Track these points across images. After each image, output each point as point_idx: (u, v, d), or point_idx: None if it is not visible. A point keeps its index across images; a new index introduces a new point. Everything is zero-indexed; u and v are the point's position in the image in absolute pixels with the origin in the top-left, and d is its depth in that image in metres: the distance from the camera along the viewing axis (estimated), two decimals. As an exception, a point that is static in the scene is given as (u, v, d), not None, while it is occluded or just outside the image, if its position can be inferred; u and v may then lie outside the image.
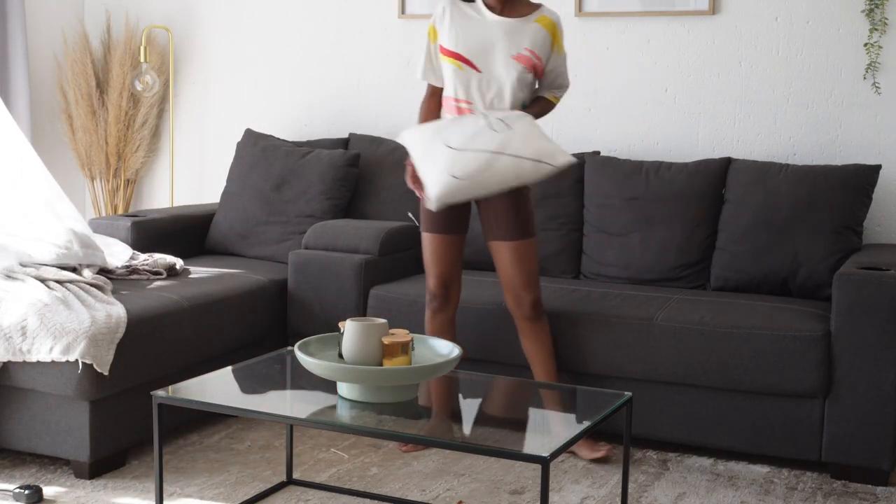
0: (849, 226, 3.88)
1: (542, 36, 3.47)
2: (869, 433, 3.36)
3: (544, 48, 3.47)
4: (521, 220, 3.49)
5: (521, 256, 3.50)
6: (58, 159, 5.27)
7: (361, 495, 3.20)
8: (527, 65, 3.45)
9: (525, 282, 3.50)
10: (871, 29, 4.09)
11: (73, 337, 3.15)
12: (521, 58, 3.44)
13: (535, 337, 3.55)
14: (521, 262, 3.50)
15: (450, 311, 3.64)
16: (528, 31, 3.46)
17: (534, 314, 3.52)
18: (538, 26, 3.46)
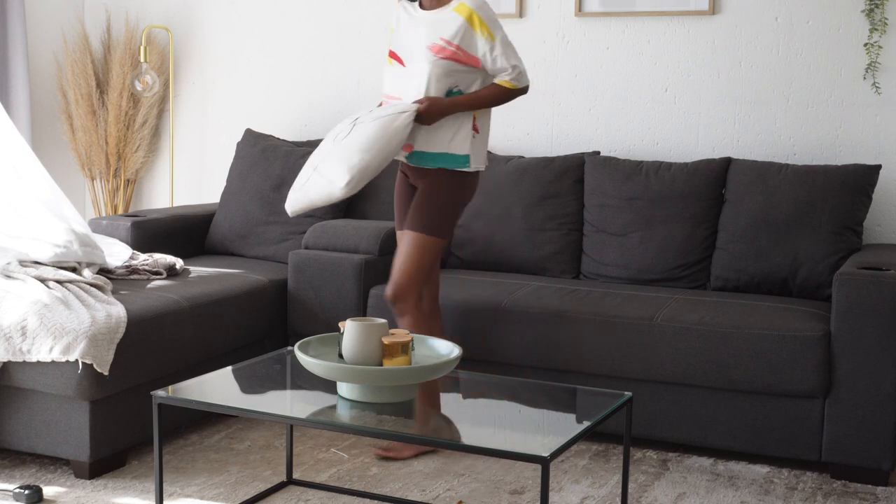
0: (849, 226, 3.88)
1: (458, 24, 3.43)
2: (869, 433, 3.36)
3: (463, 36, 3.42)
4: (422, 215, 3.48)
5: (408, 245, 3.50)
6: (58, 159, 5.27)
7: (361, 495, 3.20)
8: (442, 54, 3.43)
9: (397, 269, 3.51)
10: (871, 29, 4.09)
11: (73, 337, 3.15)
12: (435, 48, 3.43)
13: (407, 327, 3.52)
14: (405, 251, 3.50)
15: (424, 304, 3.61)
16: (444, 20, 3.45)
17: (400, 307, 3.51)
18: (454, 14, 3.44)
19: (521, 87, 3.51)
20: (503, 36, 3.46)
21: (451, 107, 3.44)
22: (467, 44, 3.44)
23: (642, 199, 4.12)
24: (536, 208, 4.27)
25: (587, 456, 3.60)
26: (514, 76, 3.47)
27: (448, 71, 3.45)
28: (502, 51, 3.45)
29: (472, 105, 3.47)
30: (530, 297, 3.81)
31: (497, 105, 3.52)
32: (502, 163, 4.41)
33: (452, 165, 3.48)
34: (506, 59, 3.45)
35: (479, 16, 3.43)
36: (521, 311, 3.73)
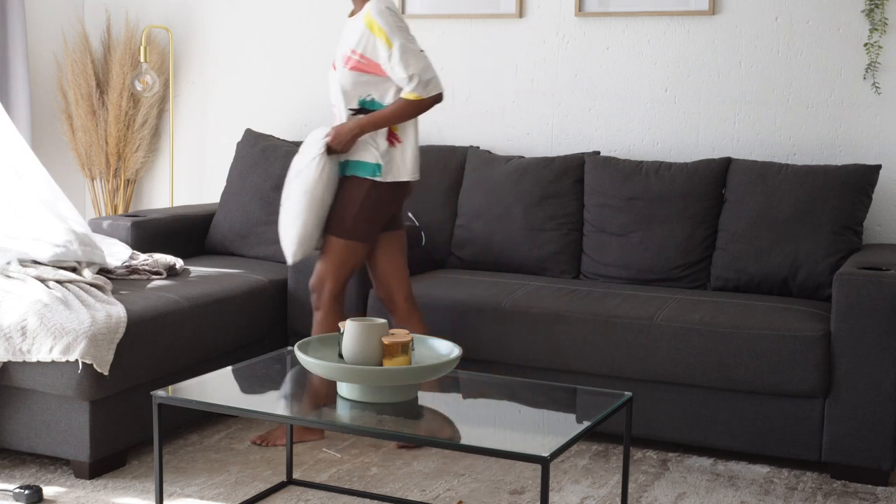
0: (849, 226, 3.88)
1: (361, 33, 3.44)
2: (869, 433, 3.36)
3: (367, 45, 3.43)
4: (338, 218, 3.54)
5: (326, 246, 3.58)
6: (58, 159, 5.27)
7: (361, 495, 3.20)
8: (349, 64, 3.45)
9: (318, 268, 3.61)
10: (871, 29, 4.09)
11: (73, 337, 3.15)
12: (343, 57, 3.47)
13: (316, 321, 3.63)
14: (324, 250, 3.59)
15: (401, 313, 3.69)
16: (353, 29, 3.47)
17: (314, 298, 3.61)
18: (361, 24, 3.45)
19: (429, 98, 3.44)
20: (403, 43, 3.40)
21: (357, 131, 3.46)
22: (371, 52, 3.42)
23: (642, 199, 4.12)
24: (536, 208, 4.27)
25: (587, 456, 3.60)
26: (415, 87, 3.40)
27: (356, 81, 3.46)
28: (400, 58, 3.39)
29: (380, 124, 3.47)
30: (530, 297, 3.81)
31: (409, 119, 3.49)
32: (502, 163, 4.41)
33: (363, 173, 3.50)
34: (403, 69, 3.39)
35: (378, 22, 3.40)
36: (521, 311, 3.73)
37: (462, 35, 4.76)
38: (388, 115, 3.46)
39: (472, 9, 4.72)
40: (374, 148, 3.50)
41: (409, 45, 3.42)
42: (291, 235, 3.52)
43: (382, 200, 3.55)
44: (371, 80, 3.46)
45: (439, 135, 4.82)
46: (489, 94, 4.73)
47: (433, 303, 3.85)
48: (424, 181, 4.50)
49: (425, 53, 3.47)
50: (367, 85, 3.47)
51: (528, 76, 4.65)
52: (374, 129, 3.48)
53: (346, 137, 3.46)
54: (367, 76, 3.45)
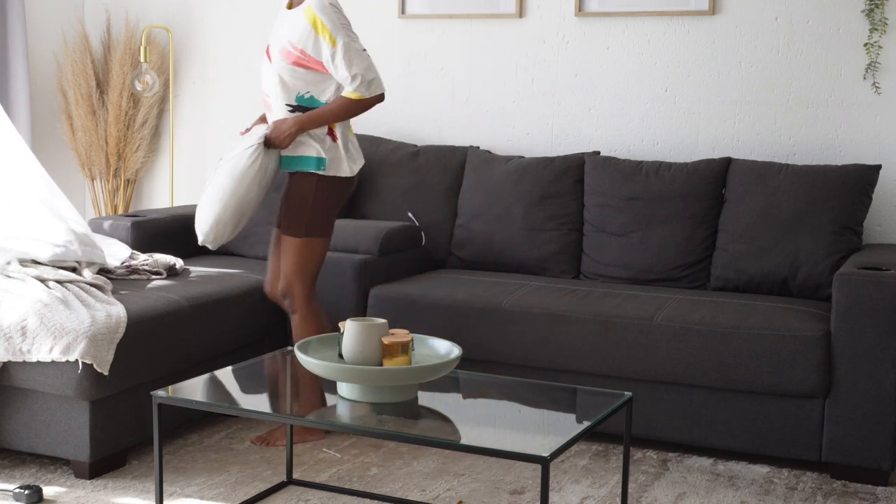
0: (849, 226, 3.88)
1: (302, 27, 3.37)
2: (869, 433, 3.36)
3: (307, 40, 3.37)
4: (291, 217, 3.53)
5: (285, 249, 3.56)
6: (58, 159, 5.27)
7: (361, 495, 3.20)
8: (288, 60, 3.40)
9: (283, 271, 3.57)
10: (871, 29, 4.09)
11: (73, 337, 3.15)
12: (283, 51, 3.41)
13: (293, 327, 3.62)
14: (284, 253, 3.57)
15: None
16: (295, 22, 3.40)
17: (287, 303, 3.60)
18: (302, 18, 3.38)
19: (371, 98, 3.42)
20: (347, 42, 3.35)
21: (296, 129, 3.43)
22: (313, 50, 3.37)
23: (642, 199, 4.12)
24: (536, 208, 4.27)
25: (587, 456, 3.60)
26: (357, 86, 3.37)
27: (295, 76, 3.42)
28: (343, 57, 3.34)
29: (320, 122, 3.45)
30: (530, 297, 3.81)
31: (349, 118, 3.48)
32: (502, 163, 4.42)
33: (307, 168, 3.48)
34: (346, 68, 3.35)
35: (322, 19, 3.34)
36: (521, 311, 3.73)
37: (462, 35, 4.76)
38: (328, 114, 3.43)
39: (472, 9, 4.72)
40: (316, 142, 3.47)
41: (352, 43, 3.36)
42: (206, 218, 3.47)
43: (332, 193, 3.52)
44: (310, 77, 3.42)
45: (439, 135, 4.82)
46: (489, 94, 4.73)
47: (433, 303, 3.85)
48: (424, 181, 4.51)
49: (367, 53, 3.43)
50: (306, 81, 3.43)
51: (528, 76, 4.65)
52: (314, 128, 3.45)
53: (285, 134, 3.43)
54: (307, 72, 3.41)
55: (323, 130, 3.49)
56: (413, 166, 4.56)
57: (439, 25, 4.79)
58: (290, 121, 3.44)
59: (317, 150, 3.48)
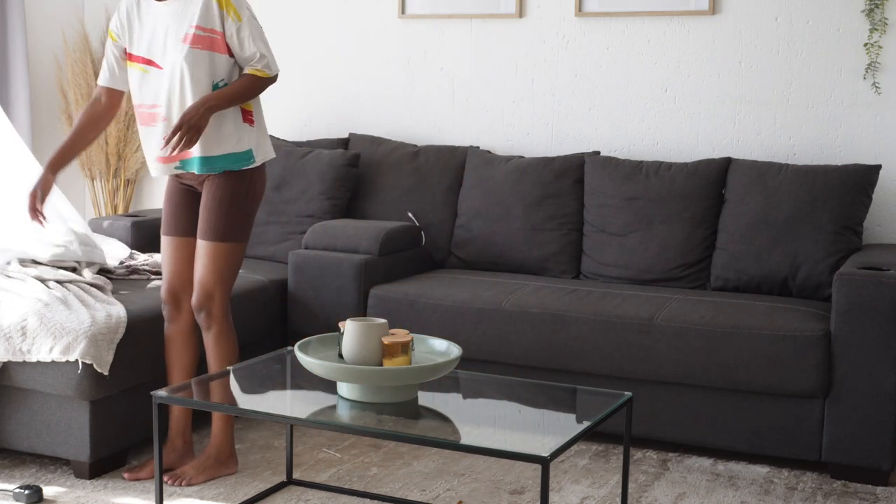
0: (849, 226, 3.88)
1: (205, 7, 3.14)
2: (869, 433, 3.36)
3: (216, 19, 3.14)
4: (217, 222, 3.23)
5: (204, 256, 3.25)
6: (58, 159, 5.26)
7: (361, 495, 3.20)
8: (199, 44, 3.14)
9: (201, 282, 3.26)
10: (871, 29, 4.09)
11: (73, 337, 3.15)
12: (188, 38, 3.14)
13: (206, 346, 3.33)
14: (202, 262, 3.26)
15: (183, 322, 3.36)
16: (192, 7, 3.15)
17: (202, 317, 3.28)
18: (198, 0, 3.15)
19: (271, 76, 3.23)
20: (250, 16, 3.18)
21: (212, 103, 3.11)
22: (218, 25, 3.15)
23: (642, 199, 4.13)
24: (536, 208, 4.27)
25: (587, 456, 3.60)
26: (263, 64, 3.19)
27: (208, 62, 3.16)
28: (249, 33, 3.16)
29: (231, 101, 3.16)
30: (530, 297, 3.81)
31: (254, 96, 3.23)
32: (502, 163, 4.42)
33: (238, 165, 3.23)
34: (253, 43, 3.17)
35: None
36: (521, 311, 3.73)
37: (462, 35, 4.76)
38: (239, 92, 3.16)
39: (472, 9, 4.72)
40: (240, 134, 3.23)
41: (254, 20, 3.20)
42: None
43: (259, 188, 3.30)
44: (219, 60, 3.18)
45: (439, 135, 4.82)
46: (489, 94, 4.73)
47: (433, 303, 3.85)
48: (424, 181, 4.51)
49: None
50: (216, 66, 3.18)
51: (528, 76, 4.65)
52: (226, 106, 3.16)
53: (199, 112, 3.08)
54: (214, 55, 3.16)
55: (239, 118, 3.24)
56: (413, 166, 4.56)
57: (439, 25, 4.79)
58: (196, 101, 3.12)
59: (244, 143, 3.24)
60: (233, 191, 3.25)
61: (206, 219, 3.25)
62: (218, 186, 3.25)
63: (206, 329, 3.31)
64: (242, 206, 3.27)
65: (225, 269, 3.27)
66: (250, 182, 3.28)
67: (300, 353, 2.80)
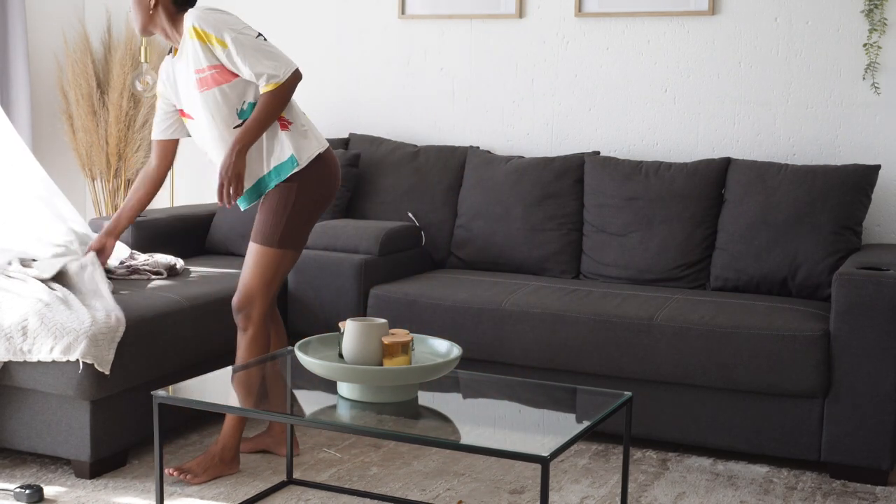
0: (848, 226, 3.88)
1: (195, 47, 3.15)
2: (868, 433, 3.36)
3: (207, 55, 3.15)
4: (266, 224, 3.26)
5: (252, 259, 3.30)
6: (58, 159, 5.27)
7: (361, 495, 3.20)
8: (205, 86, 3.18)
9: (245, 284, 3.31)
10: (871, 29, 4.10)
11: (74, 337, 3.15)
12: (195, 86, 3.20)
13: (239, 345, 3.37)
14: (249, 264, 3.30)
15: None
16: (188, 52, 3.18)
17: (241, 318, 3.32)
18: (189, 43, 3.17)
19: (288, 80, 3.17)
20: (235, 36, 3.13)
21: (239, 146, 3.14)
22: (214, 58, 3.16)
23: (642, 199, 4.13)
24: (536, 208, 4.27)
25: (587, 456, 3.60)
26: (267, 78, 3.14)
27: (222, 97, 3.19)
28: (238, 54, 3.13)
29: (257, 129, 3.17)
30: (530, 297, 3.81)
31: (281, 109, 3.20)
32: (502, 163, 4.42)
33: (285, 174, 3.25)
34: (246, 63, 3.13)
35: (202, 28, 3.13)
36: (521, 311, 3.74)
37: (462, 35, 4.76)
38: (260, 118, 3.16)
39: (472, 9, 4.73)
40: (279, 144, 3.24)
41: (240, 36, 3.14)
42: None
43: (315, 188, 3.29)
44: (231, 89, 3.19)
45: (439, 135, 4.82)
46: (489, 94, 4.74)
47: (433, 303, 3.85)
48: (424, 181, 4.51)
49: (262, 38, 3.20)
50: (236, 94, 3.20)
51: (528, 76, 4.66)
52: (255, 139, 3.18)
53: (231, 160, 3.14)
54: (223, 88, 3.19)
55: (276, 129, 3.25)
56: (413, 166, 4.57)
57: (439, 25, 4.80)
58: (227, 151, 3.17)
59: (284, 152, 3.25)
60: (282, 200, 3.26)
61: (258, 222, 3.29)
62: (272, 194, 3.28)
63: (242, 329, 3.35)
64: (295, 212, 3.26)
65: (269, 275, 3.29)
66: (300, 186, 3.26)
67: (300, 353, 2.81)
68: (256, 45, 3.16)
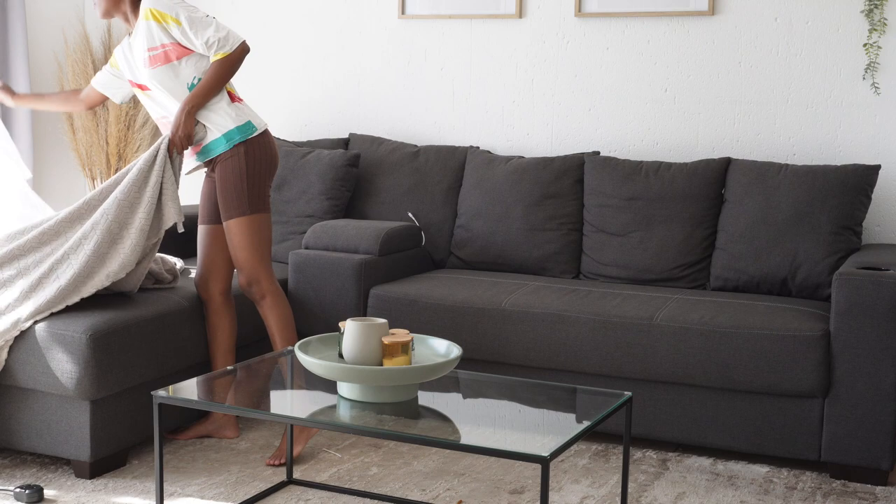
0: (848, 226, 3.88)
1: (150, 27, 3.43)
2: (868, 433, 3.36)
3: (162, 34, 3.43)
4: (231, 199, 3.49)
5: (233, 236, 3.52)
6: (58, 159, 5.27)
7: (361, 495, 3.20)
8: (156, 63, 3.45)
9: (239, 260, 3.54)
10: (871, 29, 4.10)
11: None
12: (146, 62, 3.46)
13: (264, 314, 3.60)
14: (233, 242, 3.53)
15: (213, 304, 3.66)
16: (140, 33, 3.46)
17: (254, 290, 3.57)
18: (143, 23, 3.44)
19: (236, 51, 3.44)
20: (188, 15, 3.41)
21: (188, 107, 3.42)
22: (168, 36, 3.43)
23: (642, 199, 4.13)
24: (536, 208, 4.27)
25: (587, 456, 3.60)
26: (216, 48, 3.42)
27: (172, 73, 3.46)
28: (190, 28, 3.40)
29: (206, 93, 3.43)
30: (530, 297, 3.81)
31: (230, 77, 3.47)
32: (502, 163, 4.42)
33: (243, 136, 3.48)
34: (197, 37, 3.41)
35: (156, 9, 3.41)
36: (521, 311, 3.74)
37: (462, 35, 4.76)
38: (209, 82, 3.43)
39: (472, 9, 4.73)
40: (219, 118, 3.48)
41: (193, 14, 3.42)
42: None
43: (266, 156, 3.53)
44: (181, 66, 3.46)
45: (439, 135, 4.83)
46: (489, 94, 4.74)
47: (433, 303, 3.86)
48: (424, 181, 4.52)
49: (211, 17, 3.46)
50: (185, 69, 3.46)
51: (528, 76, 4.66)
52: (205, 100, 3.45)
53: (181, 120, 3.41)
54: (173, 65, 3.45)
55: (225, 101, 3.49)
56: (413, 166, 4.57)
57: (439, 25, 4.80)
58: (177, 112, 3.44)
59: (233, 119, 3.49)
60: (230, 170, 3.48)
61: (222, 200, 3.51)
62: (222, 166, 3.50)
63: (258, 300, 3.58)
64: (249, 176, 3.49)
65: (255, 242, 3.51)
66: (245, 158, 3.49)
67: (300, 352, 2.81)
68: (207, 22, 3.44)
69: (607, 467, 3.50)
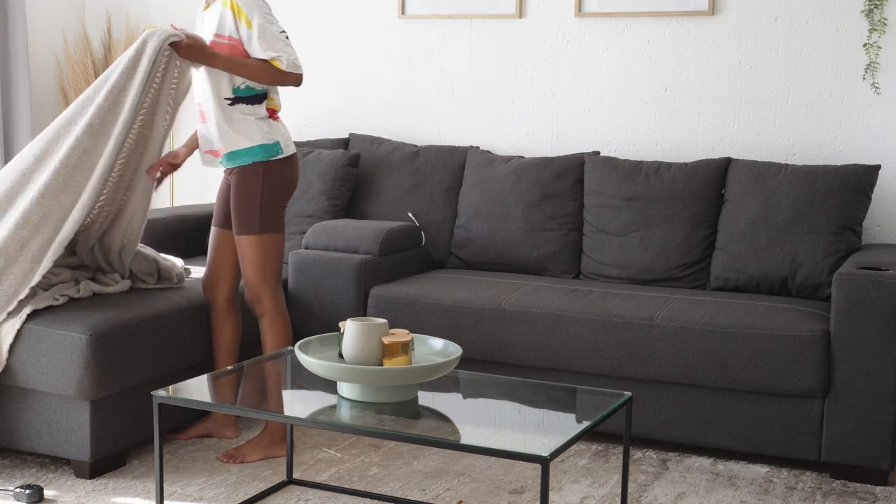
0: (848, 226, 3.88)
1: (221, 15, 3.37)
2: (868, 433, 3.36)
3: (232, 26, 3.35)
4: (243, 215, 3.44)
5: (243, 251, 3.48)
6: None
7: (361, 495, 3.20)
8: (221, 50, 3.36)
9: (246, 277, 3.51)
10: (871, 29, 4.10)
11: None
12: (211, 45, 3.37)
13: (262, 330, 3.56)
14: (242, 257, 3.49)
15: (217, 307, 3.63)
16: (217, 16, 3.39)
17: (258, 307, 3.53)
18: (220, 7, 3.38)
19: (290, 74, 3.35)
20: (263, 23, 3.32)
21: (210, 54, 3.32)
22: (235, 33, 3.36)
23: (642, 199, 4.13)
24: (536, 208, 4.27)
25: (587, 456, 3.60)
26: (276, 56, 3.32)
27: None
28: (259, 38, 3.31)
29: (233, 69, 3.33)
30: (530, 297, 3.81)
31: (264, 82, 3.37)
32: (502, 163, 4.42)
33: (252, 158, 3.41)
34: (263, 50, 3.32)
35: (238, 2, 3.33)
36: (521, 311, 3.74)
37: (462, 35, 4.76)
38: (242, 63, 3.33)
39: (472, 9, 4.73)
40: (255, 129, 3.41)
41: (268, 25, 3.34)
42: None
43: (283, 179, 3.47)
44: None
45: (439, 135, 4.83)
46: (489, 94, 4.74)
47: (433, 303, 3.86)
48: (424, 181, 4.52)
49: (286, 36, 3.38)
50: None
51: (528, 76, 4.66)
52: (225, 70, 3.34)
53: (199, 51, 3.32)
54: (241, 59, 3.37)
55: (263, 114, 3.44)
56: (413, 166, 4.57)
57: (439, 25, 4.80)
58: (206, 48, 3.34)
59: (267, 135, 3.42)
60: (252, 183, 3.42)
61: (235, 214, 3.47)
62: (240, 179, 3.43)
63: (259, 316, 3.55)
64: (265, 195, 3.43)
65: (261, 261, 3.47)
66: (266, 172, 3.42)
67: (300, 352, 2.81)
68: (276, 36, 3.35)
69: (607, 467, 3.50)
